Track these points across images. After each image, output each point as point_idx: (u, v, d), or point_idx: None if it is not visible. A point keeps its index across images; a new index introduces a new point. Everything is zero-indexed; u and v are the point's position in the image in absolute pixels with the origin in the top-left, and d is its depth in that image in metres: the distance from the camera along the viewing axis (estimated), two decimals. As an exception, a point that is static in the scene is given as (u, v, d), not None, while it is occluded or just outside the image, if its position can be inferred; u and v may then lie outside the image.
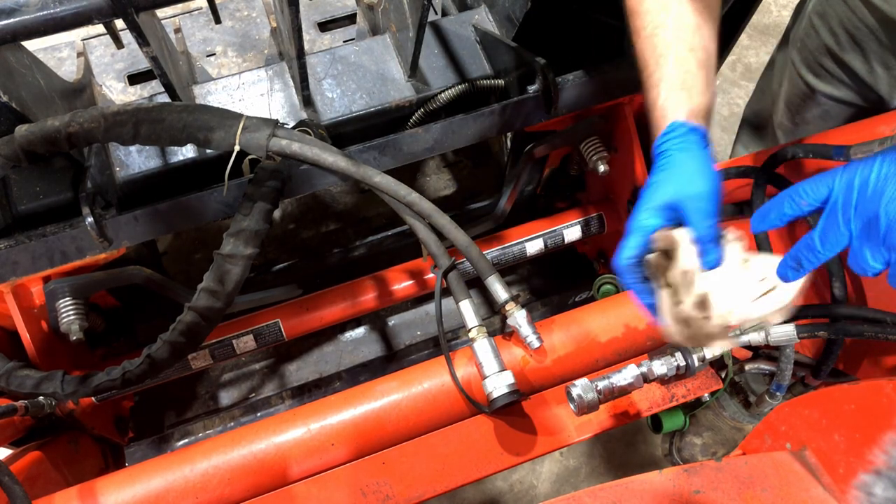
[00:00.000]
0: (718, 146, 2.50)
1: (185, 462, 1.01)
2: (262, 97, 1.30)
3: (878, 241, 0.64)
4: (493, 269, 1.06)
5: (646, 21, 0.88)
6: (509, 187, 1.51)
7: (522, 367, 1.08)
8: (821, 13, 1.28)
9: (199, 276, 1.04)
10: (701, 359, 0.97)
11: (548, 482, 1.93)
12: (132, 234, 1.12)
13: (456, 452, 1.01)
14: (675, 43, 0.86)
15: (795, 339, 0.90)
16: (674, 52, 0.86)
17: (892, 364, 0.95)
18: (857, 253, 0.66)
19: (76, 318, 1.16)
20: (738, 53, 2.67)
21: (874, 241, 0.64)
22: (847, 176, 0.67)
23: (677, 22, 0.86)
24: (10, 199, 1.14)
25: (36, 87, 1.10)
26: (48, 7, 0.82)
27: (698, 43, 0.86)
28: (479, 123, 1.22)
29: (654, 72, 0.87)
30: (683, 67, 0.85)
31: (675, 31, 0.86)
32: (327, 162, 1.02)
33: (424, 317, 1.75)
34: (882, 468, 0.67)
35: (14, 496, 0.86)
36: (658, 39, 0.87)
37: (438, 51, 1.35)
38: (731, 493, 0.74)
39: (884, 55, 1.20)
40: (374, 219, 1.89)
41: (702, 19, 0.86)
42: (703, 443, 1.17)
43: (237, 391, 1.68)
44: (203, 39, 1.83)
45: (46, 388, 1.07)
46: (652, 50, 0.87)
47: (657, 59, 0.87)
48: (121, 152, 1.22)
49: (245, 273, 1.04)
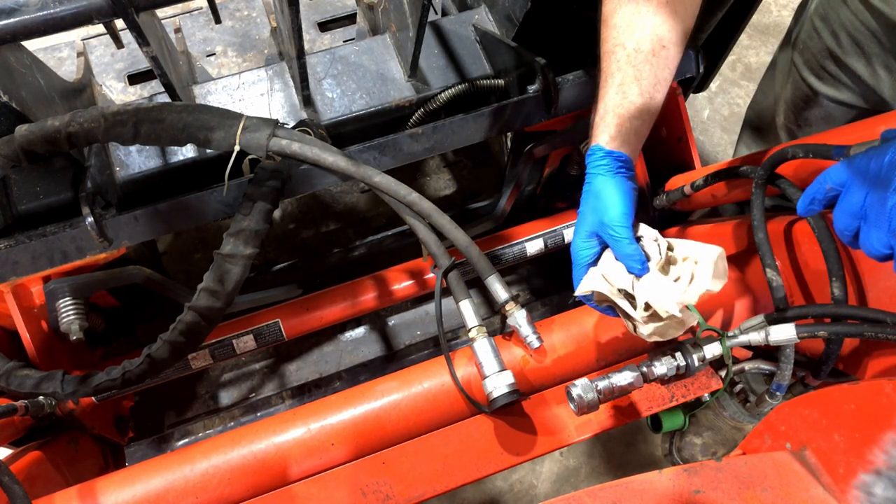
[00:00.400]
0: (718, 146, 2.51)
1: (185, 462, 1.01)
2: (262, 97, 1.30)
3: (884, 226, 0.66)
4: (493, 269, 1.06)
5: (610, 35, 0.92)
6: (509, 187, 1.51)
7: (522, 367, 1.08)
8: (822, 16, 1.27)
9: (200, 275, 1.04)
10: (701, 359, 0.97)
11: (548, 482, 1.93)
12: (132, 234, 1.12)
13: (456, 452, 1.01)
14: (626, 67, 0.90)
15: (795, 339, 0.90)
16: (622, 76, 0.91)
17: (892, 364, 0.94)
18: (865, 236, 0.69)
19: (76, 317, 1.16)
20: (738, 53, 2.67)
21: (881, 225, 0.67)
22: (862, 161, 0.70)
23: (637, 46, 0.90)
24: (10, 199, 1.14)
25: (36, 86, 1.10)
26: (48, 7, 0.82)
27: (649, 72, 0.90)
28: (479, 123, 1.22)
29: (601, 88, 0.93)
30: (624, 94, 0.91)
31: (631, 56, 0.90)
32: (327, 162, 1.02)
33: (424, 317, 1.75)
34: (882, 468, 0.67)
35: (14, 496, 0.86)
36: (613, 58, 0.92)
37: (438, 51, 1.35)
38: (731, 492, 0.74)
39: (886, 58, 1.19)
40: (374, 219, 1.89)
41: (668, 42, 0.90)
42: (703, 442, 1.17)
43: (237, 391, 1.68)
44: (203, 39, 1.83)
45: (46, 388, 1.07)
46: (606, 66, 0.93)
47: (605, 78, 0.93)
48: (121, 152, 1.22)
49: (245, 273, 1.04)
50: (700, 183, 1.19)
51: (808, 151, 0.97)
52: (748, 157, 1.20)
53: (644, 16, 0.89)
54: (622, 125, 0.91)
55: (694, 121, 2.52)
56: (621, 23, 0.90)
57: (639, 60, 0.90)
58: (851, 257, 0.99)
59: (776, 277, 1.00)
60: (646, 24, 0.89)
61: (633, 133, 0.91)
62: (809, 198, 0.77)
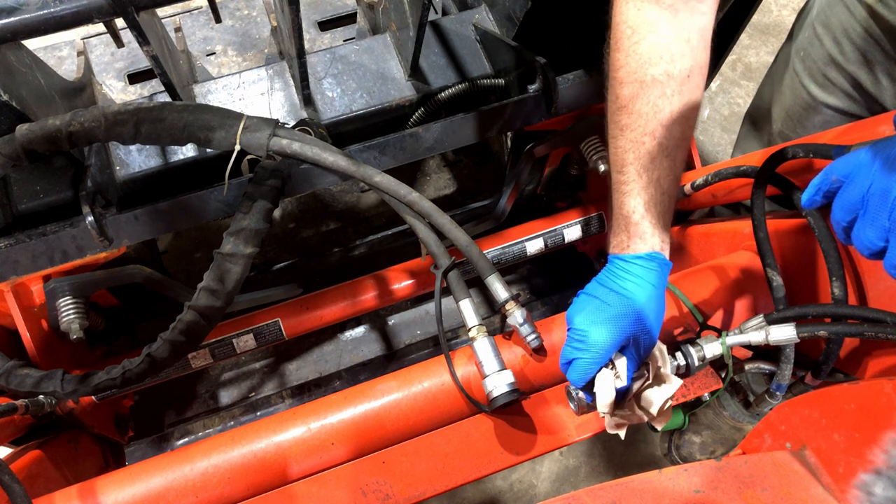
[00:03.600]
0: (718, 146, 2.51)
1: (184, 461, 1.01)
2: (262, 96, 1.30)
3: (884, 216, 0.65)
4: (494, 269, 1.06)
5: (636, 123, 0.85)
6: (510, 187, 1.51)
7: (522, 367, 1.08)
8: (825, 23, 1.26)
9: (200, 274, 1.04)
10: (701, 358, 0.97)
11: (547, 481, 1.93)
12: (132, 233, 1.12)
13: (456, 451, 1.01)
14: (661, 159, 0.84)
15: (795, 339, 0.90)
16: (657, 171, 0.84)
17: (892, 364, 0.95)
18: (861, 229, 0.68)
19: (76, 316, 1.16)
20: (738, 53, 2.67)
21: (880, 217, 0.65)
22: (870, 152, 0.69)
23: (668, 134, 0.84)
24: (10, 198, 1.14)
25: (36, 85, 1.10)
26: (48, 6, 0.82)
27: (681, 155, 0.85)
28: (479, 123, 1.22)
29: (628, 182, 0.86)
30: (660, 187, 0.85)
31: (663, 145, 0.84)
32: (327, 161, 1.02)
33: (424, 316, 1.75)
34: (882, 468, 0.67)
35: (14, 495, 0.86)
36: (644, 150, 0.84)
37: (439, 50, 1.35)
38: (731, 492, 0.74)
39: (889, 66, 1.18)
40: (374, 218, 1.90)
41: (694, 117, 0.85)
42: (702, 441, 1.17)
43: (237, 390, 1.68)
44: (203, 38, 1.83)
45: (46, 387, 1.07)
46: (636, 159, 0.85)
47: (637, 174, 0.85)
48: (121, 151, 1.22)
49: (245, 272, 1.04)
50: (700, 183, 1.19)
51: (808, 151, 0.97)
52: (748, 157, 1.20)
53: (671, 99, 0.83)
54: (666, 221, 0.86)
55: (694, 120, 2.52)
56: (647, 110, 0.84)
57: (671, 147, 0.84)
58: (851, 257, 0.99)
59: (776, 277, 1.00)
60: (675, 109, 0.84)
61: (669, 214, 0.87)
62: (815, 188, 0.75)
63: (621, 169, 0.87)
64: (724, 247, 1.25)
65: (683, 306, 1.08)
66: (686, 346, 0.98)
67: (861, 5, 1.16)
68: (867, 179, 0.67)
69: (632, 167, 0.86)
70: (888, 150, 0.66)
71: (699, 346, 0.98)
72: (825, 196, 0.74)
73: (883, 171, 0.66)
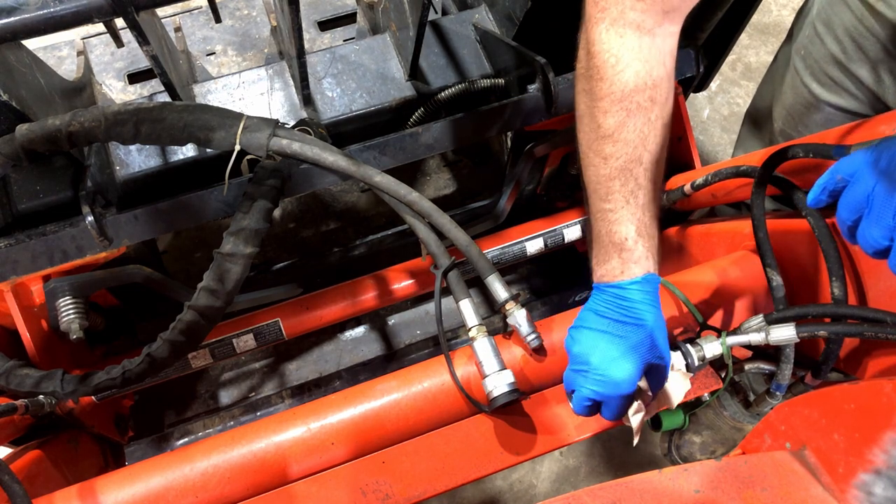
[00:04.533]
0: (718, 146, 2.51)
1: (184, 461, 1.01)
2: (262, 96, 1.30)
3: (888, 215, 0.66)
4: (493, 269, 1.06)
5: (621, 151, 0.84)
6: (509, 186, 1.51)
7: (522, 366, 1.08)
8: (825, 21, 1.25)
9: (200, 274, 1.04)
10: (701, 358, 0.97)
11: (547, 481, 1.93)
12: (132, 233, 1.12)
13: (456, 451, 1.01)
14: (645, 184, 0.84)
15: (795, 339, 0.90)
16: (644, 196, 0.84)
17: (892, 364, 0.95)
18: (866, 227, 0.68)
19: (76, 316, 1.16)
20: (738, 53, 2.67)
21: (885, 215, 0.66)
22: (874, 153, 0.69)
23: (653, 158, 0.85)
24: (10, 198, 1.14)
25: (36, 85, 1.10)
26: (48, 6, 0.82)
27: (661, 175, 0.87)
28: (479, 123, 1.22)
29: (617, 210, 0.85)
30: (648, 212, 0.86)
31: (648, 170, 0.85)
32: (327, 161, 1.02)
33: (424, 316, 1.75)
34: (882, 468, 0.67)
35: (14, 495, 0.86)
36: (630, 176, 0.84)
37: (439, 50, 1.35)
38: (731, 492, 0.74)
39: (891, 63, 1.17)
40: (374, 218, 1.90)
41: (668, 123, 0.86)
42: (702, 441, 1.17)
43: (237, 390, 1.68)
44: (203, 38, 1.83)
45: (46, 387, 1.07)
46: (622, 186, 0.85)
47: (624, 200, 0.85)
48: (121, 151, 1.22)
49: (245, 272, 1.04)
50: (700, 182, 1.19)
51: (809, 151, 0.97)
52: (748, 157, 1.19)
53: (654, 124, 0.83)
54: (655, 244, 0.86)
55: (694, 120, 2.52)
56: (633, 137, 0.83)
57: (654, 171, 0.85)
58: (851, 257, 0.99)
59: (776, 277, 1.00)
60: (658, 133, 0.84)
61: (657, 235, 0.88)
62: (821, 187, 0.75)
63: (606, 197, 0.85)
64: (724, 247, 1.25)
65: (683, 306, 1.08)
66: (686, 345, 0.98)
67: (861, 3, 1.16)
68: (871, 179, 0.68)
69: (619, 195, 0.84)
70: (892, 149, 0.67)
71: (699, 345, 0.98)
72: (830, 195, 0.74)
73: (887, 170, 0.66)
